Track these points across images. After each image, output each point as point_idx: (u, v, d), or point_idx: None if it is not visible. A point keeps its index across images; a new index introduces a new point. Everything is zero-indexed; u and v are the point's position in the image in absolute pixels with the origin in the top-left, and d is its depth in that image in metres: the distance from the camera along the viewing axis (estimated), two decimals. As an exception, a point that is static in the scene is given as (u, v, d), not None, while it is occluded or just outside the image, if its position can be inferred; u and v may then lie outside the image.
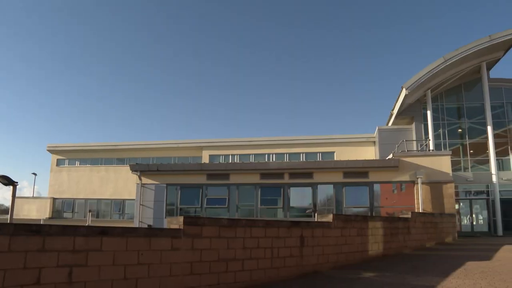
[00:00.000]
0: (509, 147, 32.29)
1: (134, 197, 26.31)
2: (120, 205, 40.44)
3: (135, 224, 24.80)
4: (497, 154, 30.71)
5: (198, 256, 7.16)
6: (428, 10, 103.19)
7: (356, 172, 24.49)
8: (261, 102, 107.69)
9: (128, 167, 26.47)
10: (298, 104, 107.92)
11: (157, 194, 25.34)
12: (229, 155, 38.63)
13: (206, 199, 25.11)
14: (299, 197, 25.06)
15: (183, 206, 25.32)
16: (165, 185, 25.42)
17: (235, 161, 37.51)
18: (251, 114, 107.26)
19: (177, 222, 7.11)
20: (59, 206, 42.10)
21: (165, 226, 7.48)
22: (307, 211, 24.60)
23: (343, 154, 35.41)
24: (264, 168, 25.79)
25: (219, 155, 38.79)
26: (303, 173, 24.89)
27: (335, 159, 35.22)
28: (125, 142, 42.94)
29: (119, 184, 40.10)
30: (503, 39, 29.58)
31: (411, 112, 32.77)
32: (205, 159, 38.16)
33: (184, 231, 7.00)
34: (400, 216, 17.61)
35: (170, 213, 24.92)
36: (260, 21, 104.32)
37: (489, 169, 30.39)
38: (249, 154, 38.03)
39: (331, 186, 24.52)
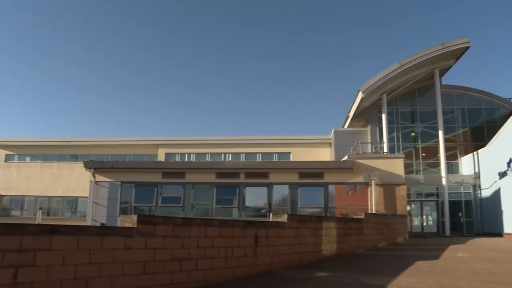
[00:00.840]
0: (458, 152, 33.47)
1: (87, 195, 25.72)
2: (72, 203, 39.34)
3: (88, 222, 24.26)
4: (447, 157, 31.69)
5: (152, 255, 7.03)
6: (388, 16, 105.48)
7: (312, 173, 24.73)
8: (218, 101, 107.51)
9: (82, 164, 25.85)
10: (255, 104, 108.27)
11: (111, 192, 24.88)
12: (185, 153, 38.23)
13: (161, 197, 24.84)
14: (255, 197, 25.12)
15: (138, 205, 24.98)
16: (119, 183, 24.99)
17: (191, 159, 37.25)
18: (208, 113, 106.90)
19: (130, 221, 6.96)
20: (6, 204, 40.59)
21: (119, 224, 7.30)
22: (262, 211, 24.67)
23: (299, 155, 35.64)
24: (220, 167, 25.75)
25: (175, 154, 38.35)
26: (259, 173, 24.95)
27: (291, 159, 35.47)
28: (79, 139, 41.83)
29: (72, 181, 38.99)
30: (454, 48, 30.59)
31: (366, 115, 33.40)
32: (161, 157, 37.66)
33: (137, 230, 6.86)
34: (354, 217, 17.88)
35: (124, 211, 24.50)
36: (218, 20, 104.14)
37: (439, 172, 31.31)
38: (206, 153, 37.79)
39: (287, 186, 24.68)
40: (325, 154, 36.09)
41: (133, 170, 25.46)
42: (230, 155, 37.54)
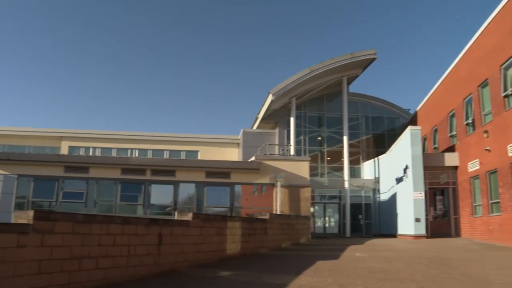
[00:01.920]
0: (360, 157, 35.08)
1: (-22, 188, 23.89)
2: (-40, 197, 36.30)
3: (-23, 218, 22.58)
4: (350, 162, 33.04)
5: (49, 253, 6.61)
6: (302, 25, 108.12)
7: (219, 172, 24.74)
8: (127, 96, 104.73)
9: (-27, 154, 24.03)
10: (164, 101, 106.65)
11: (5, 186, 23.27)
12: (90, 147, 36.73)
13: (63, 192, 23.70)
14: (161, 195, 24.70)
15: (36, 200, 23.61)
16: (16, 176, 23.47)
17: (96, 154, 35.89)
18: (117, 107, 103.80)
19: (26, 217, 6.50)
20: None
21: (12, 221, 6.80)
22: (167, 209, 24.33)
23: (207, 154, 35.55)
24: (126, 163, 25.03)
25: (79, 147, 36.70)
26: (165, 170, 24.55)
27: (199, 158, 35.26)
28: (-29, 127, 38.74)
29: (-38, 173, 35.99)
30: (362, 58, 32.06)
31: (275, 117, 34.00)
32: (64, 151, 35.86)
33: (33, 226, 6.42)
34: (259, 217, 18.09)
35: (20, 206, 23.03)
36: (129, 14, 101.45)
37: (342, 176, 32.55)
38: (112, 148, 36.49)
39: (193, 185, 24.52)
40: (233, 154, 36.30)
41: (33, 162, 23.95)
42: (137, 151, 36.60)
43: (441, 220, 25.52)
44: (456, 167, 23.89)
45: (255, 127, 36.48)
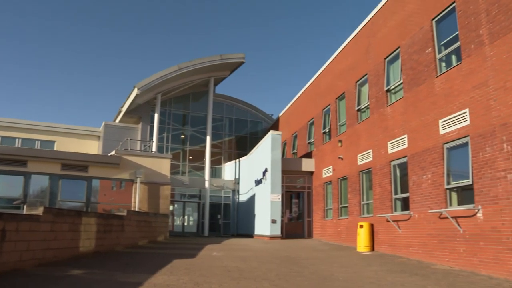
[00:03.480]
0: (222, 158, 35.69)
1: None
2: None
3: None
4: (212, 162, 33.48)
5: None
6: (176, 22, 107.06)
7: (76, 165, 23.48)
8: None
9: None
10: (17, 87, 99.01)
11: None
12: None
13: None
14: (8, 187, 22.71)
15: None
16: None
17: None
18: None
19: None
20: None
21: None
22: (15, 203, 22.51)
23: (65, 145, 33.57)
24: (-32, 149, 22.71)
25: None
26: (15, 160, 22.63)
27: (55, 149, 33.19)
28: None
29: None
30: (230, 61, 32.69)
31: (140, 112, 33.24)
32: None
33: None
34: (116, 213, 17.62)
35: None
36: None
37: (203, 176, 32.81)
38: (-48, 133, 32.88)
39: (47, 177, 22.95)
40: (93, 147, 34.76)
41: None
42: (-18, 137, 33.37)
43: (296, 222, 26.82)
44: (312, 173, 25.26)
45: (117, 120, 35.30)
